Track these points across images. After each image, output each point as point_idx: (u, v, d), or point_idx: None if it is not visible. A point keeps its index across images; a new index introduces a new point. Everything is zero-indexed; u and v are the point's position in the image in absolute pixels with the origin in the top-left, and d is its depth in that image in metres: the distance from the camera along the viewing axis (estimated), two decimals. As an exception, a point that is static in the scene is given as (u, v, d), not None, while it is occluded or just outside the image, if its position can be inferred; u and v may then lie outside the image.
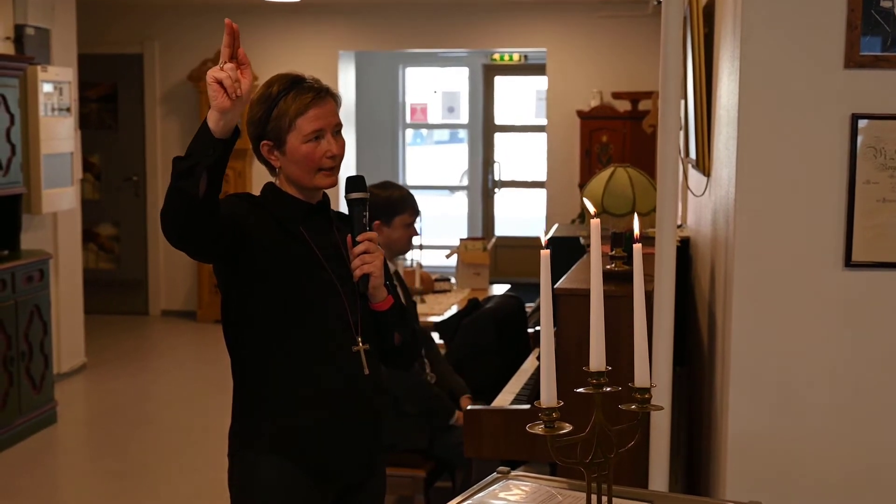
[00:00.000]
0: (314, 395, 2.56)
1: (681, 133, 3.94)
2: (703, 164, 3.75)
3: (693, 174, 4.32)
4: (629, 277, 2.81)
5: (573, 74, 9.62)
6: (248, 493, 2.59)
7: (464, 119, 12.77)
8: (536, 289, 1.96)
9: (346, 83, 10.06)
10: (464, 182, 12.79)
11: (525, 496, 2.11)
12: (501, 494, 2.13)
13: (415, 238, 4.43)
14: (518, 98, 13.31)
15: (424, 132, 16.39)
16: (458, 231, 11.95)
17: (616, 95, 9.21)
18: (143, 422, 6.79)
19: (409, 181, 12.55)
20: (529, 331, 5.15)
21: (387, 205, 4.28)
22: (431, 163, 15.84)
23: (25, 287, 6.32)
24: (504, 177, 12.15)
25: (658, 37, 3.24)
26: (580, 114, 9.26)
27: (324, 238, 2.62)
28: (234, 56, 2.29)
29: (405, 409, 4.31)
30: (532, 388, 4.12)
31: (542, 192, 10.19)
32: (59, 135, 7.19)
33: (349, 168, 10.14)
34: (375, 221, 4.23)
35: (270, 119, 2.55)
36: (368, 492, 2.71)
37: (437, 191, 14.54)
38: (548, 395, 1.82)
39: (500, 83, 12.36)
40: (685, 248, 4.53)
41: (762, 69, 2.76)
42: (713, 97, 3.63)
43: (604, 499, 1.91)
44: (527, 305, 5.45)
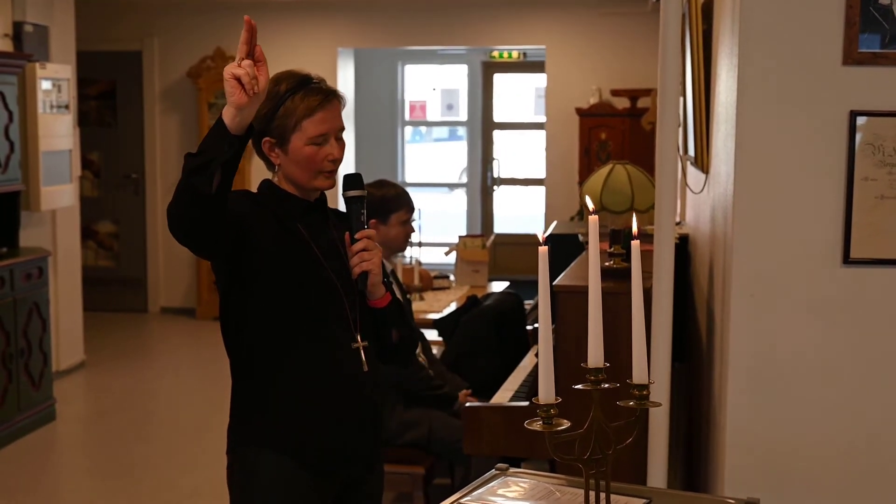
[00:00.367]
0: (314, 392, 2.56)
1: (679, 130, 3.94)
2: (702, 161, 3.75)
3: (692, 171, 4.32)
4: (628, 274, 2.81)
5: (572, 72, 9.62)
6: (248, 491, 2.59)
7: (463, 116, 12.76)
8: (535, 286, 1.96)
9: (345, 80, 10.06)
10: (463, 179, 12.78)
11: (524, 493, 2.12)
12: (500, 491, 2.13)
13: (412, 235, 4.45)
14: (517, 95, 13.31)
15: (423, 129, 16.40)
16: (457, 228, 11.94)
17: (615, 93, 9.21)
18: (142, 419, 6.79)
19: (408, 178, 12.55)
20: (528, 328, 5.16)
21: (382, 203, 4.30)
22: (430, 160, 15.85)
23: (24, 284, 6.32)
24: (503, 174, 12.15)
25: (657, 34, 3.24)
26: (579, 111, 9.26)
27: (322, 235, 2.62)
28: (252, 53, 2.29)
29: (405, 403, 4.32)
30: (531, 385, 4.12)
31: (541, 190, 10.19)
32: (58, 132, 7.19)
33: (348, 166, 10.15)
34: (372, 220, 4.26)
35: (276, 117, 2.55)
36: (368, 488, 2.72)
37: (436, 188, 14.55)
38: (546, 392, 1.82)
39: (499, 80, 12.36)
40: (684, 245, 4.53)
41: (761, 66, 2.77)
42: (712, 94, 3.63)
43: (602, 495, 1.91)
44: (526, 302, 5.45)
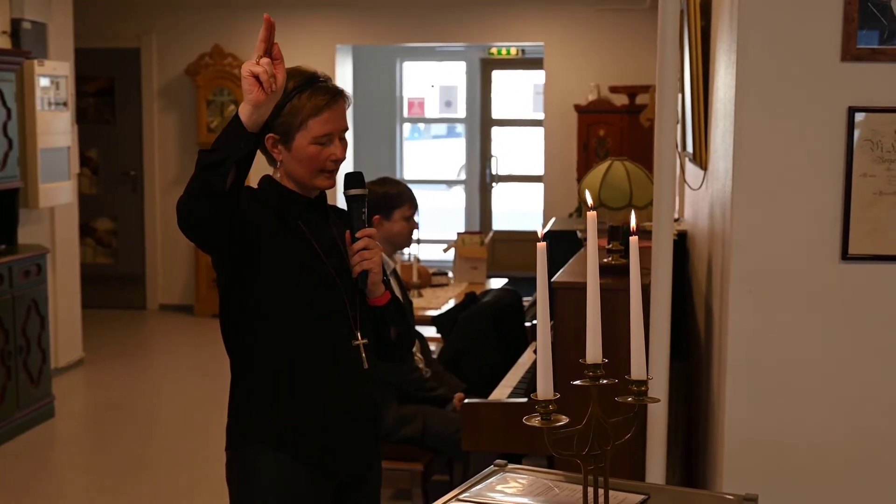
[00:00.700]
0: (314, 389, 2.57)
1: (678, 126, 3.94)
2: (700, 158, 3.75)
3: (690, 167, 4.32)
4: (626, 271, 2.81)
5: (570, 69, 9.61)
6: (248, 488, 2.59)
7: (461, 113, 12.76)
8: (534, 282, 1.96)
9: (344, 77, 10.05)
10: (461, 176, 12.78)
11: (522, 489, 2.12)
12: (499, 487, 2.13)
13: (415, 231, 4.47)
14: (515, 92, 13.31)
15: (422, 126, 16.40)
16: (456, 225, 11.95)
17: (613, 89, 9.21)
18: (141, 416, 6.79)
19: (407, 175, 12.54)
20: (527, 324, 5.16)
21: (385, 199, 4.33)
22: (429, 157, 15.84)
23: (23, 282, 6.31)
24: (501, 171, 12.15)
25: (655, 31, 3.24)
26: (577, 108, 9.26)
27: (322, 233, 2.63)
28: (269, 51, 2.30)
29: (399, 400, 4.33)
30: (529, 382, 4.13)
31: (540, 187, 10.19)
32: (57, 129, 7.18)
33: (346, 163, 10.14)
34: (375, 217, 4.27)
35: (281, 114, 2.54)
36: (366, 484, 2.73)
37: (435, 185, 14.55)
38: (544, 388, 1.82)
39: (498, 77, 12.35)
40: (682, 242, 4.53)
41: (759, 62, 2.76)
42: (710, 91, 3.63)
43: (600, 491, 1.91)
44: (524, 299, 5.45)
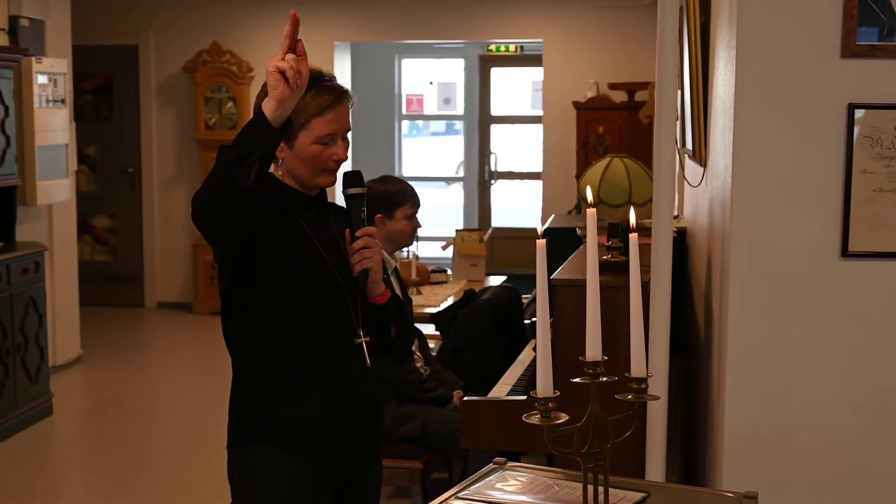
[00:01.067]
0: (316, 387, 2.57)
1: (677, 123, 3.93)
2: (700, 155, 3.74)
3: (689, 164, 4.31)
4: (625, 268, 2.80)
5: (569, 65, 9.60)
6: (250, 485, 2.59)
7: (460, 110, 12.75)
8: (533, 280, 1.96)
9: (342, 74, 10.04)
10: (460, 173, 12.77)
11: (522, 487, 2.11)
12: (498, 485, 2.13)
13: (418, 228, 4.48)
14: (514, 89, 13.31)
15: (420, 123, 16.39)
16: (455, 222, 11.93)
17: (612, 86, 9.20)
18: (139, 414, 6.78)
19: (406, 172, 12.53)
20: (526, 322, 5.15)
21: (387, 198, 4.33)
22: (427, 154, 15.85)
23: (21, 279, 6.31)
24: (500, 168, 12.13)
25: (654, 27, 3.23)
26: (576, 105, 9.25)
27: (323, 231, 2.63)
28: (294, 48, 2.32)
29: (398, 399, 4.32)
30: (529, 379, 4.12)
31: (539, 184, 10.18)
32: (54, 126, 7.17)
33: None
34: (377, 215, 4.27)
35: None
36: (367, 482, 2.73)
37: (434, 182, 14.54)
38: (544, 386, 1.82)
39: (497, 74, 12.34)
40: (681, 239, 4.52)
41: (758, 59, 2.76)
42: (709, 87, 3.63)
43: (600, 489, 1.91)
44: (523, 296, 5.44)
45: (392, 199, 4.35)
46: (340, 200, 2.70)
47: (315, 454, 2.58)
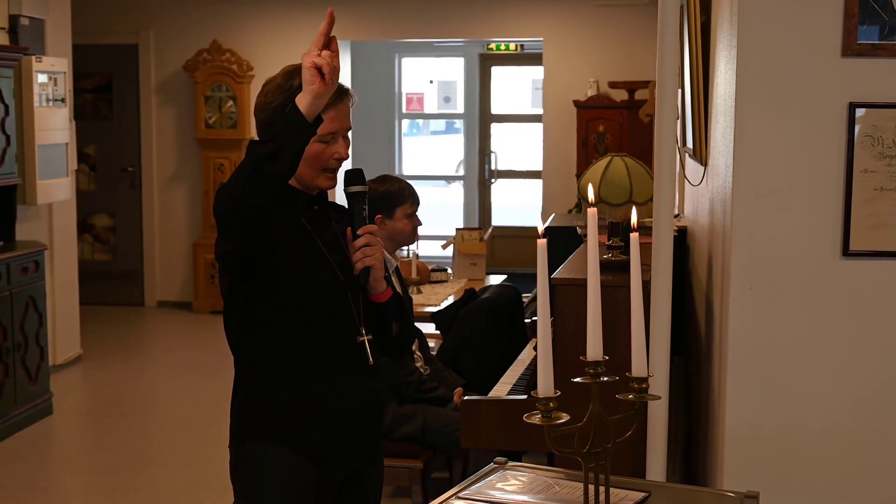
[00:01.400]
0: (319, 385, 2.57)
1: (678, 122, 3.93)
2: (700, 154, 3.74)
3: (690, 163, 4.31)
4: (626, 267, 2.80)
5: (570, 64, 9.60)
6: (253, 484, 2.59)
7: (460, 109, 12.75)
8: (533, 279, 1.95)
9: (342, 73, 9.98)
10: (460, 172, 12.77)
11: (522, 486, 2.11)
12: (499, 485, 2.12)
13: (418, 227, 4.48)
14: (514, 88, 13.30)
15: (420, 122, 16.38)
16: (455, 221, 11.93)
17: (613, 85, 9.19)
18: (140, 413, 6.78)
19: (406, 171, 12.53)
20: (526, 321, 5.15)
21: (386, 198, 4.33)
22: (427, 153, 15.83)
23: (21, 278, 6.30)
24: (500, 167, 12.13)
25: (655, 26, 3.23)
26: (577, 103, 9.25)
27: (324, 230, 2.64)
28: (328, 45, 2.37)
29: (398, 399, 4.32)
30: (529, 379, 4.12)
31: (539, 182, 10.17)
32: (54, 125, 7.17)
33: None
34: (378, 216, 4.27)
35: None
36: (369, 480, 2.74)
37: (434, 181, 14.53)
38: (545, 385, 1.82)
39: (497, 73, 12.34)
40: (682, 238, 4.52)
41: (759, 58, 2.75)
42: (710, 86, 3.62)
43: (601, 488, 1.90)
44: (523, 295, 5.44)
45: (391, 199, 4.35)
46: (341, 199, 2.69)
47: (318, 452, 2.58)
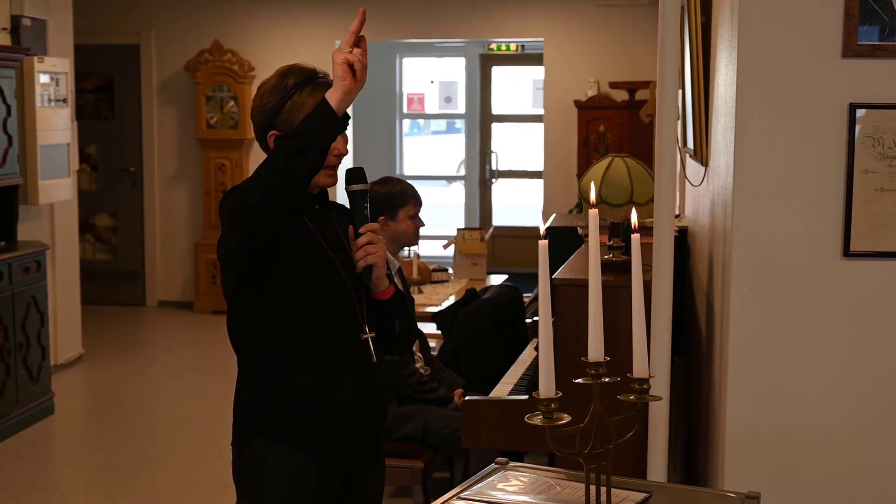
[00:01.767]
0: (323, 383, 2.58)
1: (678, 122, 3.93)
2: (701, 154, 3.74)
3: (691, 164, 4.31)
4: (626, 267, 2.80)
5: (570, 64, 9.60)
6: (256, 482, 2.60)
7: (461, 109, 12.75)
8: (534, 279, 1.96)
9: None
10: (461, 172, 12.77)
11: (523, 487, 2.11)
12: (500, 485, 2.12)
13: (421, 228, 4.49)
14: (515, 88, 13.30)
15: (421, 122, 16.38)
16: (456, 221, 11.94)
17: (613, 85, 9.20)
18: (141, 412, 6.79)
19: (407, 171, 12.53)
20: (527, 321, 5.15)
21: (388, 199, 4.35)
22: (428, 153, 15.84)
23: (22, 278, 6.31)
24: (501, 167, 12.14)
25: (655, 26, 3.23)
26: (577, 104, 9.25)
27: (326, 229, 2.64)
28: (358, 43, 2.37)
29: (399, 399, 4.32)
30: (530, 379, 4.12)
31: (540, 182, 10.18)
32: (56, 125, 7.17)
33: (346, 158, 10.13)
34: (381, 217, 4.28)
35: (283, 111, 2.57)
36: (372, 478, 2.75)
37: (435, 181, 14.54)
38: (546, 386, 1.82)
39: (498, 73, 12.34)
40: (683, 238, 4.52)
41: (760, 58, 2.76)
42: (711, 86, 3.62)
43: (602, 489, 1.90)
44: (524, 295, 5.44)
45: (394, 200, 4.37)
46: (342, 198, 2.70)
47: (321, 450, 2.59)
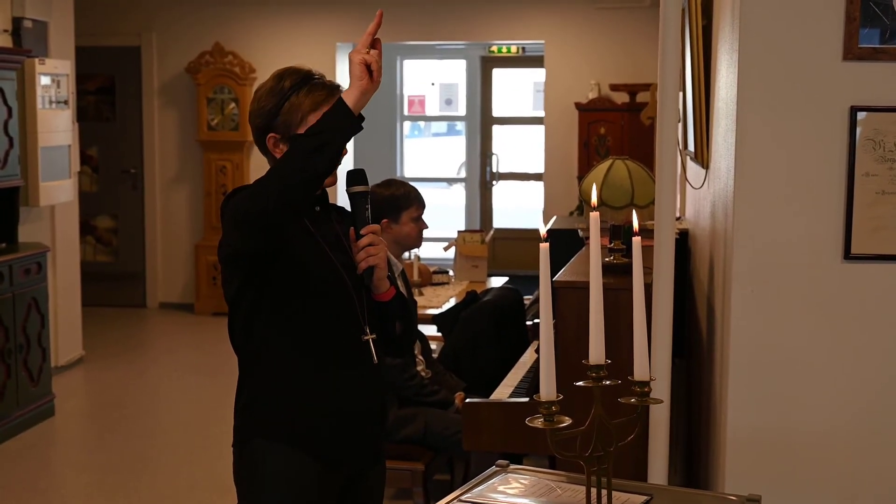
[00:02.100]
0: (324, 385, 2.58)
1: (679, 125, 3.94)
2: (702, 157, 3.74)
3: (691, 166, 4.31)
4: (628, 270, 2.80)
5: (571, 66, 9.60)
6: (257, 483, 2.60)
7: (461, 111, 12.75)
8: (534, 281, 1.96)
9: (344, 75, 10.00)
10: (462, 174, 12.77)
11: (524, 489, 2.11)
12: (500, 488, 2.13)
13: (424, 230, 4.49)
14: (516, 90, 13.30)
15: (422, 124, 16.38)
16: (456, 223, 11.94)
17: (614, 87, 9.20)
18: (141, 414, 6.78)
19: (407, 173, 12.53)
20: (528, 323, 5.15)
21: (392, 202, 4.36)
22: (429, 155, 15.84)
23: (23, 280, 6.31)
24: (502, 169, 12.14)
25: (656, 28, 3.23)
26: (578, 106, 9.25)
27: (326, 230, 2.64)
28: (374, 45, 2.40)
29: (400, 401, 4.32)
30: (531, 381, 4.12)
31: (540, 185, 10.18)
32: (57, 127, 7.17)
33: (346, 160, 10.12)
34: (384, 220, 4.28)
35: (280, 112, 2.57)
36: (372, 480, 2.75)
37: (435, 183, 14.53)
38: (547, 389, 1.82)
39: (498, 75, 12.34)
40: (684, 241, 4.52)
41: (761, 61, 2.76)
42: (711, 89, 3.63)
43: (603, 492, 1.91)
44: (525, 298, 5.44)
45: (397, 203, 4.37)
46: (342, 199, 2.70)
47: (322, 451, 2.59)
